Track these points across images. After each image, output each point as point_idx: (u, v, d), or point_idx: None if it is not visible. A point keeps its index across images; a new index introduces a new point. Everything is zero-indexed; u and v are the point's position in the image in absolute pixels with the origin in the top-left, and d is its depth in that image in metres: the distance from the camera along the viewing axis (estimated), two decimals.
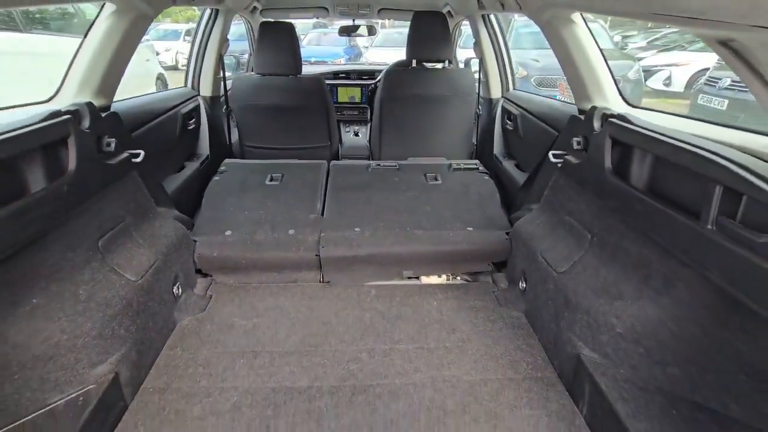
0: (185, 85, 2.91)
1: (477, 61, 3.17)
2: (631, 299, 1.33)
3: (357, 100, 4.07)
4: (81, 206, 1.40)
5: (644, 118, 1.48)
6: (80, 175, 1.38)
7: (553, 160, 1.80)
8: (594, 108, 1.65)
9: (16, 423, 1.12)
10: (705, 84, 7.91)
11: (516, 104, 2.75)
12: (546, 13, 1.75)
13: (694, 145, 1.13)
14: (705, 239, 1.07)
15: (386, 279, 2.11)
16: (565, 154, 1.77)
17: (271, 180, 2.53)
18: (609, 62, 1.73)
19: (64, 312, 1.26)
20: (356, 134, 3.96)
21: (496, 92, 3.05)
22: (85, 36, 1.59)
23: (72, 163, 1.35)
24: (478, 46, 3.02)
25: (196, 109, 2.82)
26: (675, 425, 1.17)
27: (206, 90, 2.98)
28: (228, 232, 2.09)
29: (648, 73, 11.63)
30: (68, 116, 1.36)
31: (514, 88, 2.98)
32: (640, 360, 1.29)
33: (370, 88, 3.95)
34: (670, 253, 1.22)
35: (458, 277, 2.18)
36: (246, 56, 4.57)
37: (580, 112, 1.82)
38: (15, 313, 1.16)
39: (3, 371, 1.11)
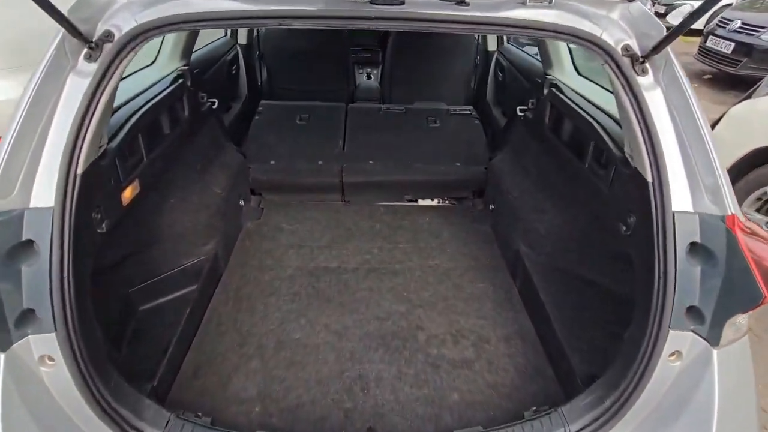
0: (225, 35, 3.41)
1: None
2: (549, 212, 2.02)
3: (371, 43, 4.49)
4: (191, 142, 2.07)
5: (579, 87, 2.06)
6: (190, 120, 2.03)
7: (519, 114, 2.40)
8: (545, 76, 2.22)
9: (170, 272, 1.89)
10: (717, 25, 7.78)
11: (506, 58, 3.24)
12: None
13: (588, 114, 1.74)
14: (583, 174, 1.72)
15: (392, 200, 2.81)
16: (527, 110, 2.36)
17: (301, 120, 3.13)
18: None
19: (188, 209, 1.98)
20: (369, 76, 4.45)
21: (492, 45, 3.51)
22: None
23: (186, 112, 2.00)
24: None
25: (236, 56, 3.35)
26: (566, 287, 1.90)
27: (242, 38, 3.47)
28: (272, 162, 2.76)
29: (669, 7, 11.23)
30: (182, 80, 1.98)
31: (507, 43, 3.44)
32: (552, 249, 2.00)
33: (383, 32, 4.35)
34: (571, 182, 1.88)
35: (446, 201, 2.87)
36: None
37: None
38: (164, 206, 1.88)
39: (162, 240, 1.86)
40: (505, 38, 3.40)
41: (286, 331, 1.87)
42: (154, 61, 2.13)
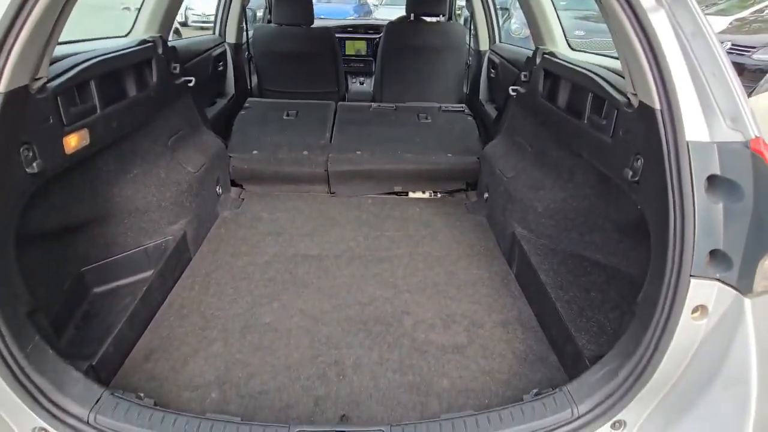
0: (214, 33, 3.36)
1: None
2: (548, 188, 1.86)
3: (363, 53, 4.47)
4: (159, 112, 1.93)
5: (574, 57, 1.95)
6: (159, 88, 1.90)
7: (511, 93, 2.29)
8: (537, 48, 2.12)
9: (130, 252, 1.71)
10: None
11: (499, 55, 3.18)
12: None
13: (585, 69, 1.62)
14: (581, 132, 1.58)
15: (380, 192, 2.65)
16: (519, 86, 2.24)
17: (288, 115, 3.02)
18: None
19: (153, 183, 1.82)
20: (362, 83, 4.40)
21: (484, 45, 3.46)
22: None
23: (154, 78, 1.88)
24: (468, 3, 3.41)
25: (224, 53, 3.28)
26: (570, 268, 1.72)
27: (231, 37, 3.42)
28: (255, 151, 2.62)
29: None
30: (151, 44, 1.87)
31: (500, 41, 3.39)
32: (552, 230, 1.83)
33: (376, 41, 4.33)
34: (572, 152, 1.73)
35: (438, 194, 2.71)
36: (261, 11, 4.97)
37: None
38: (125, 178, 1.72)
39: (121, 214, 1.69)
40: (497, 36, 3.35)
41: (256, 315, 1.67)
42: (128, 33, 2.03)
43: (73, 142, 1.33)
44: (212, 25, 3.38)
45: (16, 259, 1.10)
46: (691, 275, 0.99)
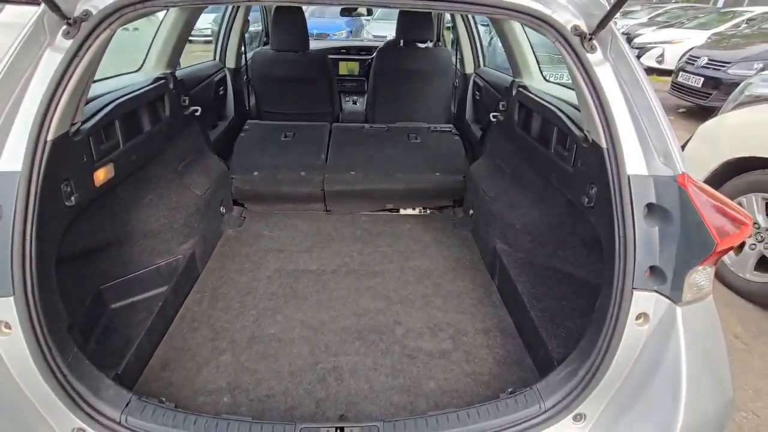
0: (214, 59, 3.55)
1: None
2: (525, 207, 2.06)
3: (356, 73, 4.69)
4: (170, 142, 2.11)
5: (546, 89, 2.17)
6: (171, 120, 2.09)
7: (492, 119, 2.50)
8: (513, 81, 2.34)
9: (144, 270, 1.87)
10: (686, 62, 8.26)
11: (483, 79, 3.40)
12: None
13: (552, 105, 1.83)
14: (549, 160, 1.78)
15: (373, 209, 2.84)
16: (498, 114, 2.46)
17: (285, 137, 3.21)
18: None
19: (165, 206, 1.99)
20: (354, 103, 4.61)
21: (469, 68, 3.69)
22: (161, 24, 2.25)
23: (167, 112, 2.06)
24: (454, 29, 3.64)
25: (224, 78, 3.47)
26: (543, 279, 1.91)
27: (231, 62, 3.62)
28: (256, 173, 2.80)
29: (642, 50, 12.04)
30: (164, 80, 2.06)
31: (484, 66, 3.62)
32: (528, 244, 2.02)
33: (368, 62, 4.55)
34: (543, 175, 1.94)
35: (427, 211, 2.90)
36: (256, 25, 5.17)
37: None
38: (140, 203, 1.89)
39: (137, 236, 1.85)
40: (481, 60, 3.58)
41: (261, 326, 1.84)
42: (140, 68, 2.21)
43: (101, 175, 1.50)
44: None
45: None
46: (633, 287, 1.18)
